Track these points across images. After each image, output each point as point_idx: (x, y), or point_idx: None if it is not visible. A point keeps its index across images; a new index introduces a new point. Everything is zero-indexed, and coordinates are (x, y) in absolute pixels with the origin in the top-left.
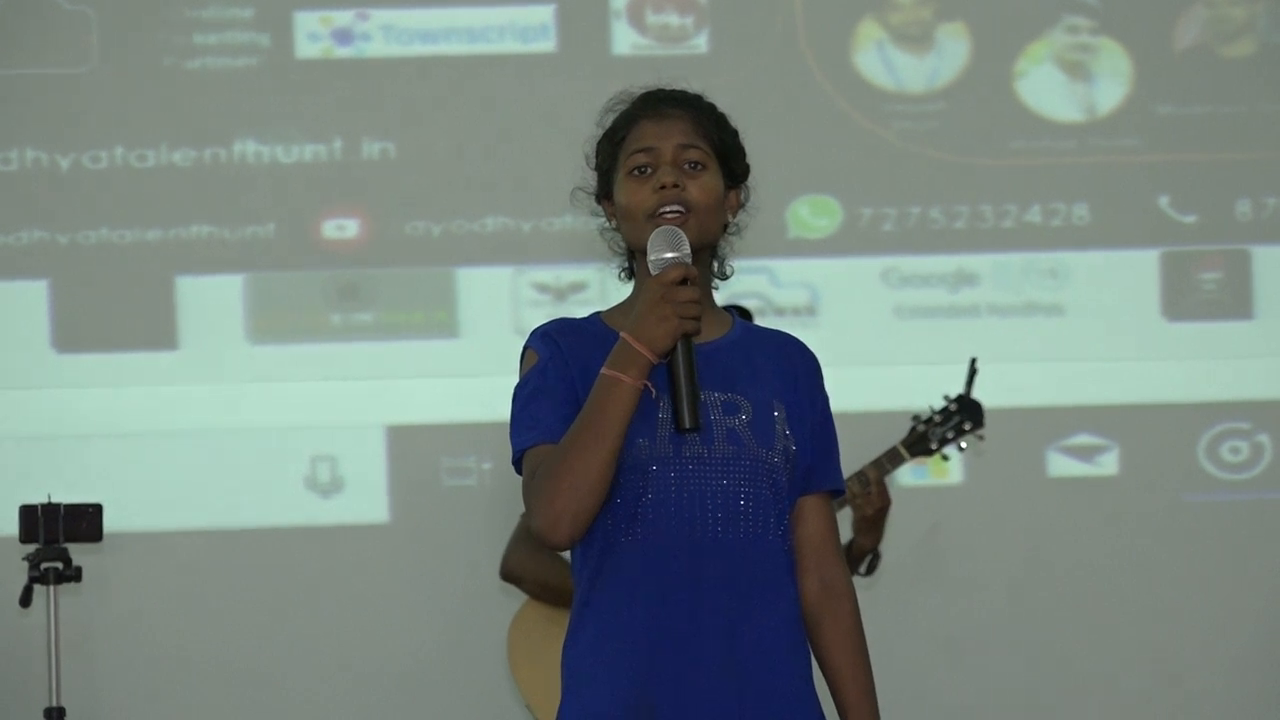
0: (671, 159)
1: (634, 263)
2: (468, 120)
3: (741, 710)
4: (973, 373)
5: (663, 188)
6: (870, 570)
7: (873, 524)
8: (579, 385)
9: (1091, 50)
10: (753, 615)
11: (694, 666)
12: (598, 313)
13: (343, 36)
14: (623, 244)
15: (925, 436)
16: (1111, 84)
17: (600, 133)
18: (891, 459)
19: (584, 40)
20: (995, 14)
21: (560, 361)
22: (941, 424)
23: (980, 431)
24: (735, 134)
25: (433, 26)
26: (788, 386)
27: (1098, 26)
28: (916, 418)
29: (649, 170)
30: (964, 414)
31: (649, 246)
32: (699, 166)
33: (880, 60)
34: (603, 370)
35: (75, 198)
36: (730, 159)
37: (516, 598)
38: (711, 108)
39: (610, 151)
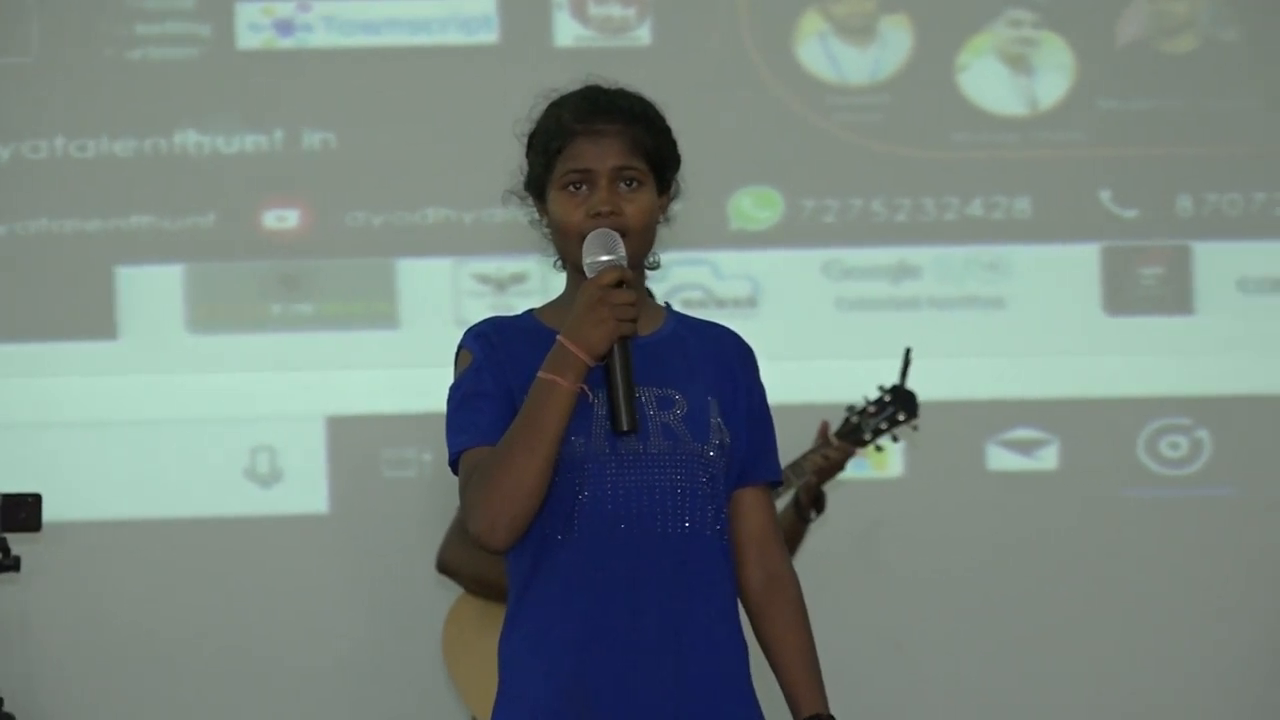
0: (608, 180)
1: (567, 264)
2: (409, 111)
3: (679, 702)
4: (906, 363)
5: (598, 215)
6: (821, 509)
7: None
8: (514, 385)
9: (1034, 44)
10: (692, 609)
11: (632, 660)
12: (531, 310)
13: (284, 27)
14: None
15: (858, 428)
16: (1054, 78)
17: (532, 125)
18: (839, 449)
19: (526, 32)
20: (938, 6)
21: (495, 362)
22: (875, 415)
23: (914, 422)
24: (669, 135)
25: (375, 17)
26: (723, 379)
27: (1040, 20)
28: (851, 409)
29: (584, 188)
30: (897, 404)
31: (584, 249)
32: (635, 184)
33: (823, 52)
34: (539, 374)
35: (14, 188)
36: (665, 167)
37: (455, 589)
38: (647, 114)
39: (544, 160)
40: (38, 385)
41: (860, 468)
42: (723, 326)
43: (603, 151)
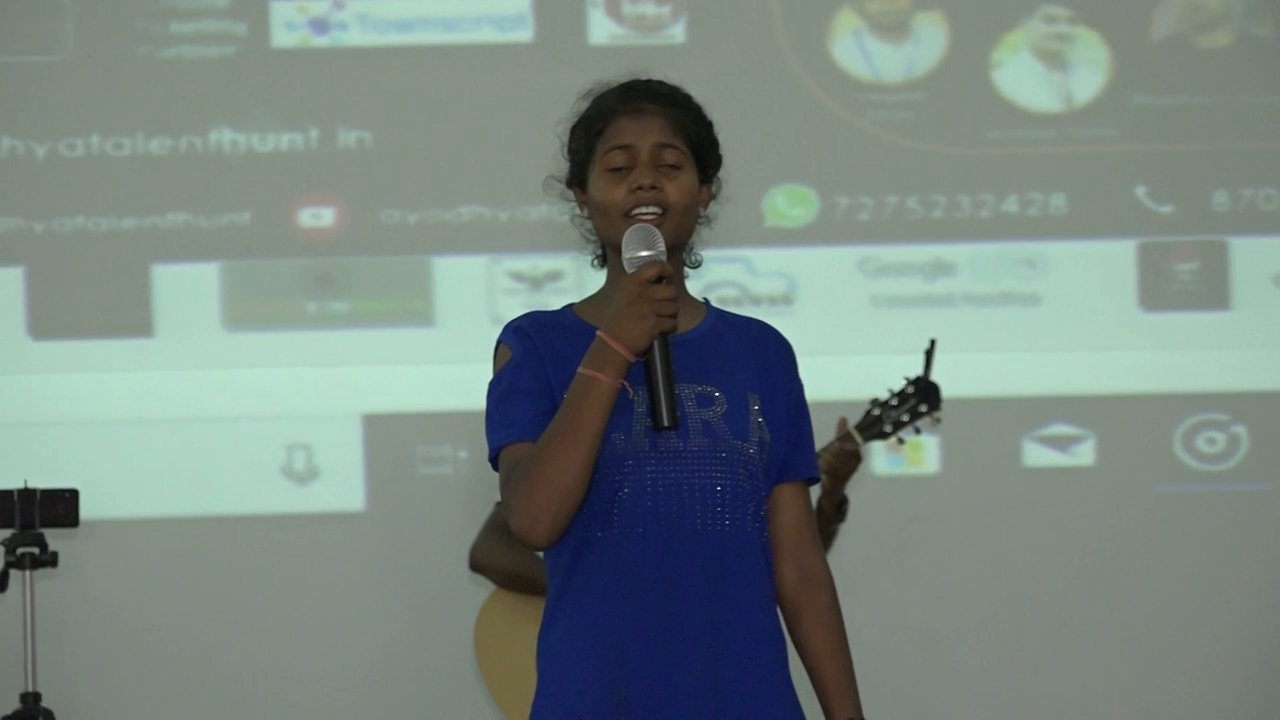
0: (649, 158)
1: (606, 251)
2: (444, 109)
3: (719, 701)
4: (929, 354)
5: (640, 189)
6: (842, 516)
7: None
8: (554, 380)
9: (1069, 40)
10: (732, 606)
11: (671, 658)
12: (570, 305)
13: (319, 25)
14: (595, 233)
15: (879, 420)
16: (1089, 74)
17: (575, 119)
18: (844, 442)
19: (561, 30)
20: (973, 3)
21: (534, 357)
22: (897, 406)
23: (937, 414)
24: (710, 127)
25: (409, 15)
26: (762, 376)
27: (1075, 16)
28: (874, 401)
29: (625, 168)
30: (919, 396)
31: (624, 245)
32: (676, 166)
33: (857, 49)
34: (580, 369)
35: (51, 185)
36: (705, 155)
37: (490, 587)
38: (689, 102)
39: (586, 143)
40: (74, 382)
41: (896, 464)
42: (762, 323)
43: (644, 128)
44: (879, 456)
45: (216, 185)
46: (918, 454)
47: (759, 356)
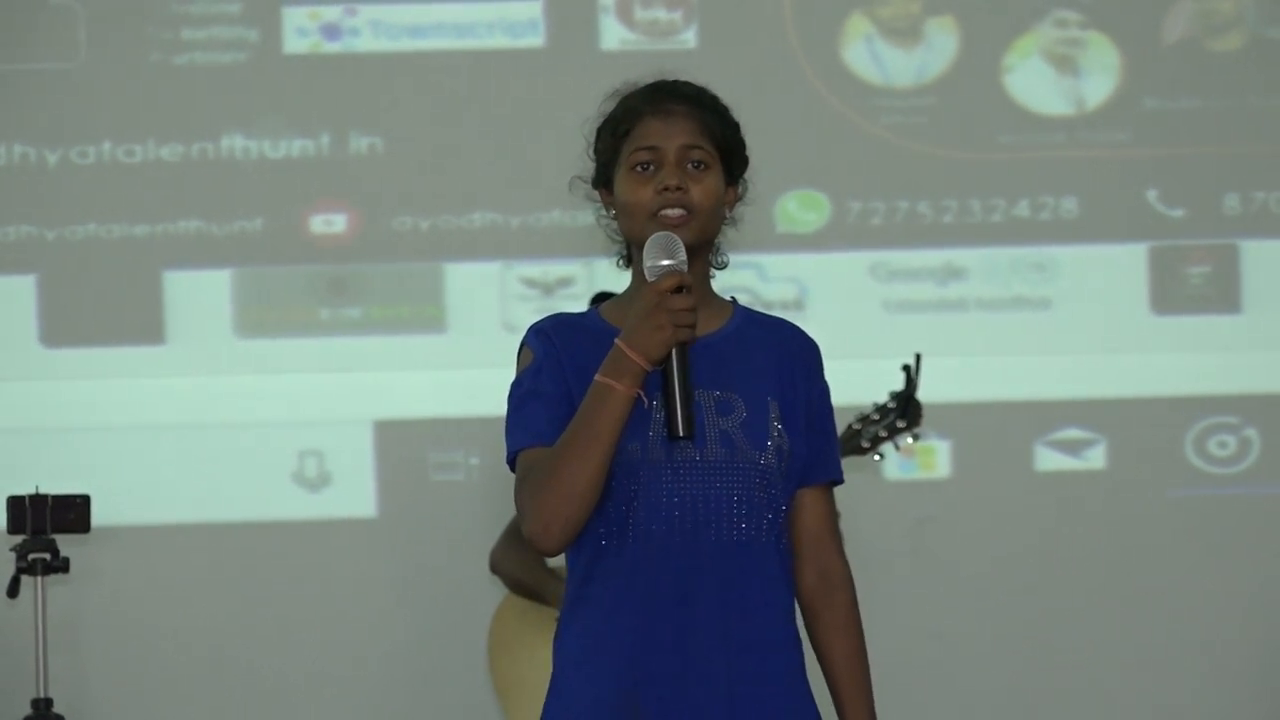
0: (675, 159)
1: (631, 251)
2: (456, 115)
3: (731, 711)
4: (907, 368)
5: (666, 189)
6: None
7: None
8: (573, 384)
9: (1080, 44)
10: (747, 617)
11: (684, 668)
12: (596, 307)
13: (331, 32)
14: (620, 233)
15: (858, 434)
16: (1100, 78)
17: (601, 119)
18: None
19: (572, 35)
20: (984, 8)
21: (554, 361)
22: (877, 421)
23: (916, 430)
24: (737, 129)
25: (421, 21)
26: (782, 379)
27: (1086, 20)
28: (858, 415)
29: (652, 168)
30: (899, 412)
31: (645, 253)
32: (702, 166)
33: (869, 54)
34: (596, 378)
35: (63, 193)
36: (732, 156)
37: (503, 591)
38: (716, 103)
39: (612, 144)
40: (86, 389)
41: (908, 469)
42: (791, 324)
43: (671, 130)
44: (891, 461)
45: (228, 192)
46: (929, 458)
47: (781, 359)
